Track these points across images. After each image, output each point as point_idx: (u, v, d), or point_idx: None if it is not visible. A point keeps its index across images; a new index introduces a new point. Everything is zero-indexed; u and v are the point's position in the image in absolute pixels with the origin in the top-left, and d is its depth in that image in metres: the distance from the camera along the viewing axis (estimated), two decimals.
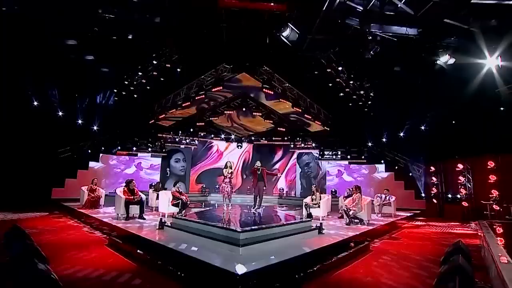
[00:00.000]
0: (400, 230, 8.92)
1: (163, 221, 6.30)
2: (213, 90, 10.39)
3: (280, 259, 3.98)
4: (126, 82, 10.83)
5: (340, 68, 10.05)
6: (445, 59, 8.96)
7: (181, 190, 8.75)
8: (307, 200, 9.10)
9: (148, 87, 11.13)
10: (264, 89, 10.29)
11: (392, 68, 10.80)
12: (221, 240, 4.58)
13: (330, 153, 15.92)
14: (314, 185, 9.98)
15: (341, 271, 4.46)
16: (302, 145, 16.59)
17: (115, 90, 11.35)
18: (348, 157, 15.49)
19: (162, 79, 10.71)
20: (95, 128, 13.33)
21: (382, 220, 9.23)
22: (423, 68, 10.12)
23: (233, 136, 17.47)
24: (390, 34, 8.67)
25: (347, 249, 5.41)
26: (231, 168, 8.69)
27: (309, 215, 8.48)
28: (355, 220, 8.04)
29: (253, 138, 17.55)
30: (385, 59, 10.17)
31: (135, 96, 11.55)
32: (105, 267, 4.27)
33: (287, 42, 7.53)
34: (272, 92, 10.40)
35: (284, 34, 7.44)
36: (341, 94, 11.34)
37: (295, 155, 17.42)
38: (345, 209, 8.26)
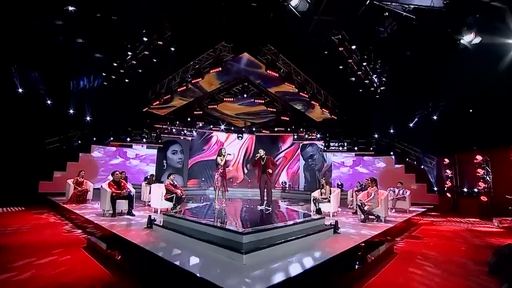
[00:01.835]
0: (419, 227, 8.06)
1: (152, 218, 5.40)
2: (211, 72, 9.38)
3: (297, 270, 3.08)
4: (115, 64, 9.77)
5: (353, 47, 8.99)
6: (469, 38, 8.07)
7: (175, 183, 7.85)
8: (316, 194, 8.25)
9: (140, 70, 10.08)
10: (267, 71, 9.27)
11: (407, 50, 9.86)
12: (220, 244, 3.67)
13: (336, 144, 14.99)
14: (324, 178, 9.10)
15: (372, 281, 3.56)
16: (306, 136, 15.65)
17: (103, 74, 10.28)
18: (355, 148, 14.57)
19: (154, 60, 9.65)
20: (88, 118, 12.31)
21: (397, 216, 8.38)
22: (443, 48, 9.17)
23: (233, 127, 16.55)
24: (413, 5, 7.67)
25: (371, 252, 4.52)
26: (225, 155, 7.17)
27: (318, 211, 7.71)
28: (371, 217, 7.20)
29: (254, 129, 16.64)
30: (401, 39, 9.22)
31: (126, 81, 10.52)
32: (72, 278, 3.37)
33: (296, 12, 6.53)
34: (277, 75, 9.40)
35: (293, 3, 6.44)
36: (352, 78, 10.33)
37: (298, 147, 16.54)
38: (359, 204, 7.40)
